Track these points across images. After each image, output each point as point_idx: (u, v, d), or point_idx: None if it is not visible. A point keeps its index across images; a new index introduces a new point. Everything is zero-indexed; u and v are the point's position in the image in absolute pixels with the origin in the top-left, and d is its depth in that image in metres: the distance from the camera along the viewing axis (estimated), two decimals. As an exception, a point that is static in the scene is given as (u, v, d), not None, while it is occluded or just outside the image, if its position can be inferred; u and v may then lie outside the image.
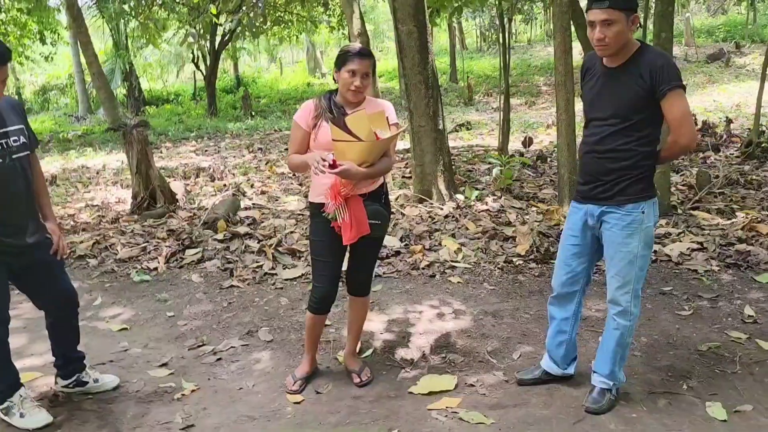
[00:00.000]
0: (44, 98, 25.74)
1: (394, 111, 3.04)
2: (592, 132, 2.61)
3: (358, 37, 7.22)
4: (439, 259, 4.57)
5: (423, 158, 6.51)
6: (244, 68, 30.22)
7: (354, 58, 2.83)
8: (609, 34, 2.38)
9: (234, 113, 20.43)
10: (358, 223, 2.91)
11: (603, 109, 2.55)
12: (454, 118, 15.68)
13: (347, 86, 2.88)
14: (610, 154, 2.53)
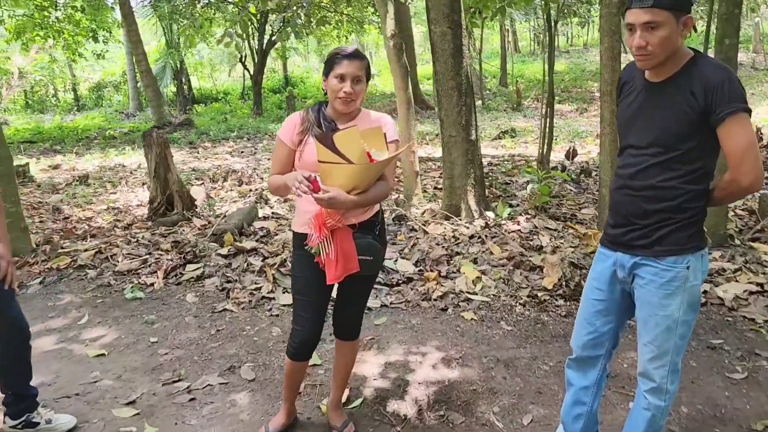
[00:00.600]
0: (98, 95, 26.30)
1: (394, 126, 2.59)
2: (626, 162, 2.09)
3: (391, 38, 6.76)
4: (454, 288, 4.08)
5: (452, 171, 6.03)
6: (293, 68, 30.19)
7: (342, 60, 2.39)
8: (652, 41, 1.86)
9: (278, 113, 20.29)
10: (346, 260, 2.48)
11: (641, 135, 2.03)
12: (500, 125, 15.07)
13: (336, 94, 2.44)
14: (649, 191, 2.00)
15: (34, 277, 4.85)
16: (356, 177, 2.35)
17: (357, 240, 2.49)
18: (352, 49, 2.44)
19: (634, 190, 2.04)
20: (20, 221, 5.32)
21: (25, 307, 4.40)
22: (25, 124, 19.01)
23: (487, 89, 22.82)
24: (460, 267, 4.43)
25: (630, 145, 2.08)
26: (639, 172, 2.02)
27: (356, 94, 2.44)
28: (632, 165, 2.05)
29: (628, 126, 2.09)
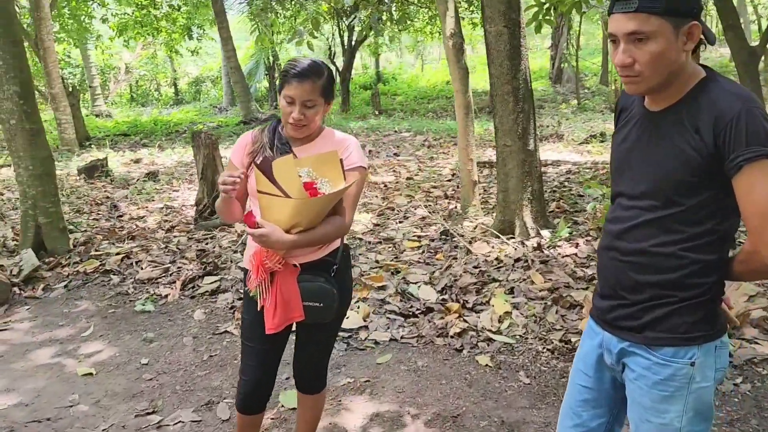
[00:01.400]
0: (197, 89, 27.33)
1: (358, 150, 2.17)
2: (615, 215, 1.56)
3: (450, 38, 6.27)
4: (476, 325, 3.58)
5: (506, 183, 5.47)
6: (385, 64, 30.02)
7: (292, 80, 2.00)
8: (641, 57, 1.35)
9: (365, 110, 20.13)
10: (285, 307, 2.10)
11: (635, 181, 1.50)
12: (592, 127, 14.05)
13: (285, 118, 2.07)
14: (640, 257, 1.47)
15: (61, 279, 4.81)
16: (295, 213, 1.96)
17: (303, 283, 2.09)
18: (303, 67, 2.01)
19: (621, 253, 1.51)
20: (59, 221, 5.33)
21: (41, 312, 4.40)
22: (125, 117, 19.99)
23: (586, 88, 21.57)
24: (490, 298, 3.92)
25: (621, 192, 1.55)
26: (629, 230, 1.49)
27: (308, 120, 2.04)
28: (622, 220, 1.52)
29: (621, 168, 1.56)
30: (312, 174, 2.04)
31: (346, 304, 2.29)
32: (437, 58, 36.57)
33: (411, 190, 7.83)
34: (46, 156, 5.22)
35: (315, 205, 1.97)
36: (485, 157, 9.72)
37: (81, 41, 19.57)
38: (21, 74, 5.01)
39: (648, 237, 1.45)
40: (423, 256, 4.90)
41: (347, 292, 2.28)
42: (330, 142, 2.17)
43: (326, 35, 22.89)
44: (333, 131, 2.23)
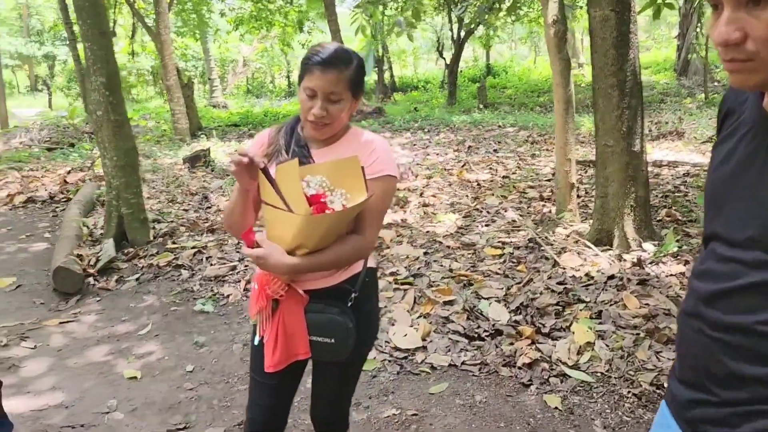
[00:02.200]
0: (308, 81, 27.83)
1: (386, 155, 1.81)
2: (706, 269, 1.08)
3: (552, 25, 5.71)
4: (550, 356, 3.10)
5: (606, 188, 4.87)
6: (497, 57, 29.11)
7: (314, 69, 1.68)
8: (757, 29, 0.87)
9: (472, 104, 19.54)
10: (288, 342, 1.78)
11: (737, 219, 1.01)
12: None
13: (305, 114, 1.75)
14: (740, 338, 0.98)
15: (135, 272, 4.82)
16: (297, 232, 1.63)
17: (311, 314, 1.77)
18: (328, 53, 1.68)
19: (711, 326, 1.03)
20: (140, 213, 5.37)
21: (109, 305, 4.39)
22: (239, 109, 20.68)
23: (716, 81, 19.68)
24: (572, 322, 3.41)
25: (716, 234, 1.07)
26: (725, 294, 1.01)
27: (331, 117, 1.71)
28: (715, 277, 1.04)
29: (719, 198, 1.07)
30: (325, 184, 1.70)
31: (368, 340, 1.94)
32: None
33: (505, 189, 7.31)
34: (130, 147, 5.26)
35: (320, 224, 1.63)
36: (592, 156, 8.93)
37: (201, 35, 20.46)
38: (108, 66, 5.05)
39: (754, 308, 0.97)
40: (503, 267, 4.43)
41: (370, 326, 1.92)
42: (356, 144, 1.82)
43: (435, 27, 22.51)
44: (361, 131, 1.87)
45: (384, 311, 3.66)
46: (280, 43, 19.87)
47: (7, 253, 5.58)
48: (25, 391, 3.24)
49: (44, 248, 5.58)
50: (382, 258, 4.73)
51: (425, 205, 6.70)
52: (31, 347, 3.74)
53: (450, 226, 5.77)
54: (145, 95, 26.70)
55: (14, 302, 4.47)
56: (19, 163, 10.08)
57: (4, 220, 6.76)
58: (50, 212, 6.96)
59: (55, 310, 4.29)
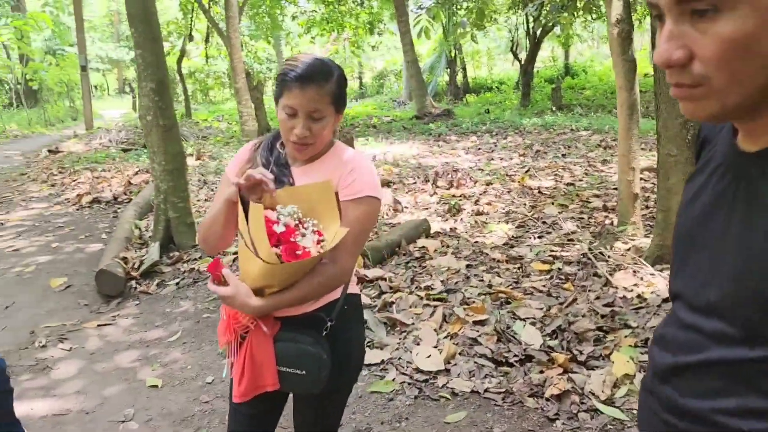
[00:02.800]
0: (380, 83, 27.90)
1: (368, 175, 1.66)
2: (667, 335, 0.87)
3: (616, 24, 5.34)
4: (582, 388, 2.83)
5: (669, 201, 4.49)
6: (576, 56, 28.14)
7: (292, 86, 1.54)
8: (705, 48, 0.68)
9: (545, 105, 18.93)
10: (256, 372, 1.66)
11: (702, 276, 0.80)
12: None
13: (286, 135, 1.62)
14: (700, 427, 0.78)
15: (176, 276, 4.86)
16: (263, 275, 1.54)
17: (281, 343, 1.64)
18: (305, 67, 1.54)
19: (665, 408, 0.83)
20: (187, 217, 5.42)
21: (147, 309, 4.43)
22: (310, 110, 20.91)
23: None
24: (612, 350, 3.11)
25: (679, 293, 0.86)
26: (681, 369, 0.81)
27: (315, 136, 1.58)
28: (673, 346, 0.84)
29: (684, 245, 0.86)
30: (297, 215, 1.56)
31: (349, 371, 1.78)
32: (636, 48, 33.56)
33: (567, 198, 6.94)
34: (177, 151, 5.32)
35: (286, 271, 1.52)
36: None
37: (275, 38, 20.87)
38: (158, 71, 5.13)
39: (713, 392, 0.76)
40: (549, 284, 4.15)
41: (349, 356, 1.76)
42: (337, 161, 1.67)
43: (510, 26, 21.99)
44: (344, 148, 1.72)
45: (410, 329, 3.49)
46: (351, 45, 19.96)
47: (65, 252, 5.78)
48: (52, 394, 3.28)
49: (98, 249, 5.74)
50: (422, 270, 4.55)
51: (478, 214, 6.45)
52: (67, 349, 3.81)
53: (501, 236, 5.51)
54: (221, 97, 27.54)
55: (62, 302, 4.59)
56: (94, 164, 10.54)
57: (69, 219, 7.04)
58: (111, 213, 7.20)
59: (96, 312, 4.37)
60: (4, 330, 4.05)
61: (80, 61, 17.63)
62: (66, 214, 7.36)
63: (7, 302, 4.57)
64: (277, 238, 1.50)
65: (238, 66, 13.22)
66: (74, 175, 9.69)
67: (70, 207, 7.68)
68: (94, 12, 30.11)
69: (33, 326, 4.15)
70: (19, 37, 15.82)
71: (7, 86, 22.34)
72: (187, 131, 14.05)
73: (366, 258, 4.56)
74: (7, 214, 7.40)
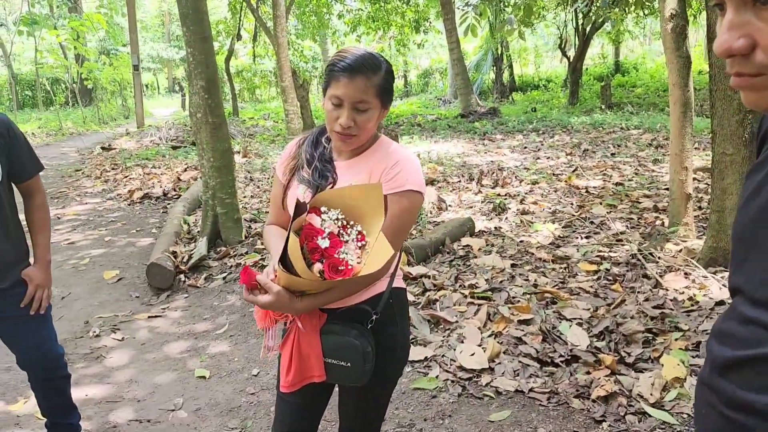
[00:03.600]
0: (425, 81, 27.81)
1: (411, 169, 1.65)
2: (727, 329, 0.84)
3: (669, 20, 5.19)
4: (630, 390, 2.76)
5: (723, 202, 4.34)
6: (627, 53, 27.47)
7: (340, 76, 1.55)
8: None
9: (594, 103, 18.55)
10: (303, 363, 1.68)
11: (764, 272, 0.78)
12: None
13: (331, 125, 1.63)
14: (762, 422, 0.75)
15: (223, 270, 4.95)
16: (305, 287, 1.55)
17: (327, 335, 1.65)
18: (354, 59, 1.55)
19: (725, 402, 0.80)
20: (235, 212, 5.52)
21: (195, 302, 4.53)
22: (355, 109, 21.01)
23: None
24: (663, 353, 3.03)
25: (739, 288, 0.83)
26: (741, 363, 0.78)
27: (359, 128, 1.58)
28: (733, 340, 0.81)
29: (744, 241, 0.83)
30: (341, 220, 1.53)
31: (393, 366, 1.78)
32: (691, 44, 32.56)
33: (616, 198, 6.79)
34: (226, 149, 5.42)
35: (326, 286, 1.53)
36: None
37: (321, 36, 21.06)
38: (207, 70, 5.24)
39: None
40: (596, 285, 4.07)
41: (394, 350, 1.76)
42: (382, 154, 1.67)
43: (558, 23, 21.63)
44: (389, 141, 1.72)
45: (454, 326, 3.47)
46: (397, 43, 19.98)
47: (117, 246, 5.96)
48: (106, 382, 3.39)
49: (149, 243, 5.91)
50: (466, 268, 4.52)
51: (524, 213, 6.37)
52: (119, 339, 3.93)
53: (547, 236, 5.42)
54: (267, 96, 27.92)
55: (114, 294, 4.74)
56: (145, 161, 10.83)
57: (121, 215, 7.26)
58: (161, 208, 7.39)
59: (147, 304, 4.50)
60: (60, 320, 4.20)
61: (132, 61, 18.16)
62: (118, 209, 7.59)
63: (64, 293, 4.74)
64: (321, 253, 1.48)
65: (284, 65, 13.38)
66: (126, 171, 9.99)
67: (122, 202, 7.92)
68: (147, 12, 30.96)
69: (87, 317, 4.29)
70: (75, 38, 16.38)
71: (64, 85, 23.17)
72: (234, 129, 14.31)
73: (410, 256, 4.56)
74: (63, 209, 7.67)
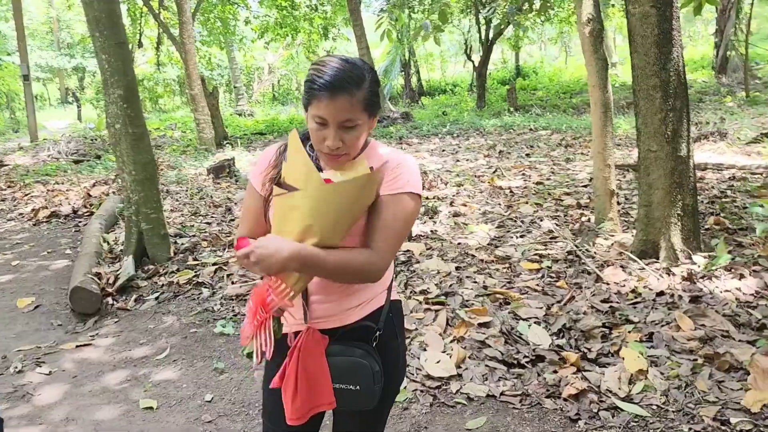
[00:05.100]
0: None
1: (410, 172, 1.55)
2: None
3: (587, 24, 5.39)
4: (599, 386, 2.81)
5: (650, 196, 4.54)
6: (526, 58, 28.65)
7: (321, 95, 1.42)
8: None
9: (501, 106, 19.17)
10: (310, 390, 1.55)
11: None
12: (763, 123, 12.15)
13: (317, 145, 1.49)
14: None
15: (154, 290, 4.64)
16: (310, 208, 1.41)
17: (333, 357, 1.53)
18: (336, 73, 1.42)
19: None
20: (161, 228, 5.20)
21: (128, 326, 4.21)
22: (265, 117, 20.62)
23: (757, 78, 19.00)
24: (621, 346, 3.11)
25: None
26: None
27: (348, 146, 1.47)
28: None
29: None
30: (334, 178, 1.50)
31: (396, 383, 1.69)
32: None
33: (539, 197, 7.00)
34: (149, 160, 5.10)
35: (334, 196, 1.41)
36: (631, 159, 8.57)
37: (226, 43, 20.50)
38: (125, 77, 4.90)
39: None
40: (542, 282, 4.14)
41: (397, 367, 1.68)
42: (375, 159, 1.57)
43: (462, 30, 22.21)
44: (379, 145, 1.63)
45: (414, 334, 3.41)
46: (305, 50, 19.77)
47: (28, 270, 5.46)
48: (38, 423, 3.06)
49: (64, 265, 5.46)
50: (412, 274, 4.48)
51: (456, 215, 6.42)
52: (46, 373, 3.58)
53: (482, 237, 5.48)
54: (172, 105, 26.88)
55: (32, 324, 4.32)
56: (45, 177, 10.07)
57: (28, 236, 6.69)
58: (73, 227, 6.86)
59: (72, 333, 4.13)
60: (-28, 356, 3.78)
61: (22, 70, 16.84)
62: (23, 230, 6.99)
63: (-28, 326, 4.27)
64: None
65: (193, 72, 12.88)
66: (25, 189, 9.24)
67: (25, 222, 7.30)
68: (33, 19, 28.95)
69: (4, 351, 3.88)
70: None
71: (-58, 98, 21.25)
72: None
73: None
74: (-42, 233, 6.98)
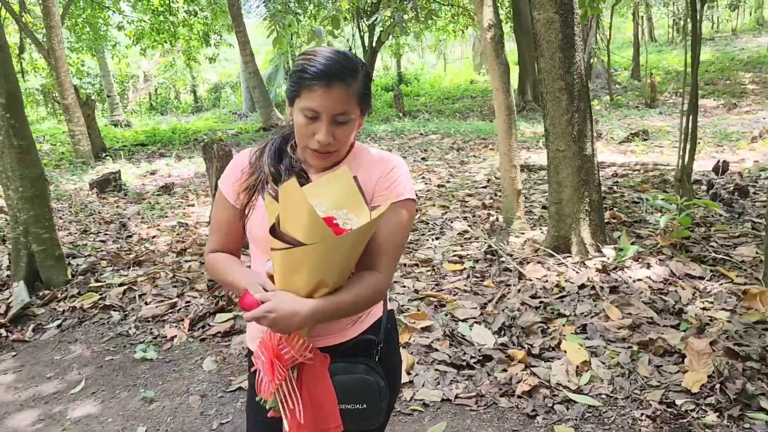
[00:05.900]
0: (216, 96, 26.89)
1: (406, 176, 1.47)
2: None
3: (488, 30, 5.57)
4: (549, 380, 2.87)
5: (560, 194, 4.75)
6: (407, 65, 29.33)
7: (315, 85, 1.31)
8: None
9: (387, 113, 19.46)
10: (316, 416, 1.41)
11: None
12: (630, 124, 13.24)
13: (304, 140, 1.38)
14: None
15: (54, 317, 4.21)
16: (319, 262, 1.27)
17: (337, 377, 1.42)
18: (332, 62, 1.32)
19: None
20: (55, 249, 4.72)
21: (29, 360, 3.78)
22: (144, 127, 19.56)
23: (617, 83, 20.68)
24: (560, 340, 3.20)
25: None
26: None
27: (339, 143, 1.37)
28: None
29: None
30: (325, 208, 1.34)
31: (396, 392, 1.62)
32: (459, 56, 35.79)
33: (444, 199, 7.14)
34: (37, 176, 4.62)
35: (343, 246, 1.28)
36: (521, 160, 8.97)
37: (97, 50, 19.23)
38: (7, 84, 4.42)
39: None
40: (468, 282, 4.20)
41: (398, 376, 1.61)
42: (365, 162, 1.48)
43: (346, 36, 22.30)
44: (366, 147, 1.54)
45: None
46: (185, 57, 18.96)
47: None
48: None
49: (-61, 297, 4.81)
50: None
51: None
52: (-66, 422, 3.12)
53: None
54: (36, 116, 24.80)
55: None
56: None
57: None
58: (-58, 253, 6.10)
59: (-40, 372, 3.64)
60: None
61: None
62: None
63: None
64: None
65: (65, 81, 11.93)
66: None
67: None
68: None
69: None
70: None
71: None
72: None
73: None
74: None
